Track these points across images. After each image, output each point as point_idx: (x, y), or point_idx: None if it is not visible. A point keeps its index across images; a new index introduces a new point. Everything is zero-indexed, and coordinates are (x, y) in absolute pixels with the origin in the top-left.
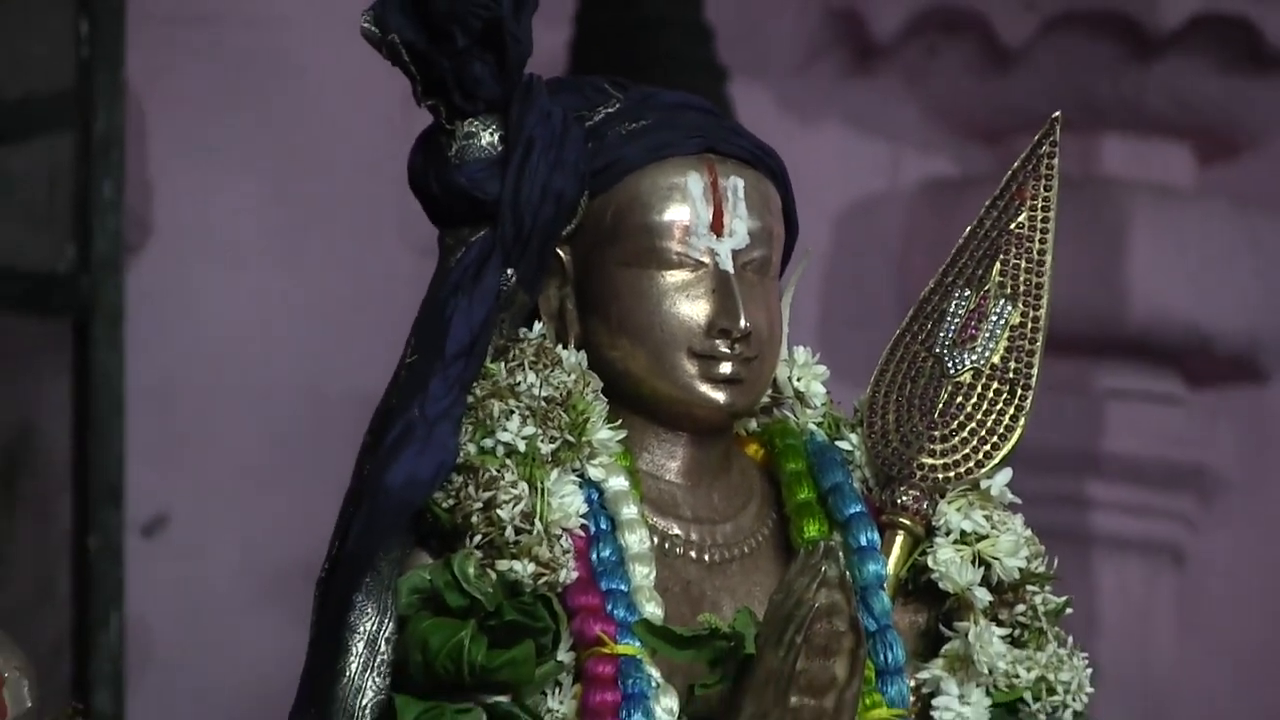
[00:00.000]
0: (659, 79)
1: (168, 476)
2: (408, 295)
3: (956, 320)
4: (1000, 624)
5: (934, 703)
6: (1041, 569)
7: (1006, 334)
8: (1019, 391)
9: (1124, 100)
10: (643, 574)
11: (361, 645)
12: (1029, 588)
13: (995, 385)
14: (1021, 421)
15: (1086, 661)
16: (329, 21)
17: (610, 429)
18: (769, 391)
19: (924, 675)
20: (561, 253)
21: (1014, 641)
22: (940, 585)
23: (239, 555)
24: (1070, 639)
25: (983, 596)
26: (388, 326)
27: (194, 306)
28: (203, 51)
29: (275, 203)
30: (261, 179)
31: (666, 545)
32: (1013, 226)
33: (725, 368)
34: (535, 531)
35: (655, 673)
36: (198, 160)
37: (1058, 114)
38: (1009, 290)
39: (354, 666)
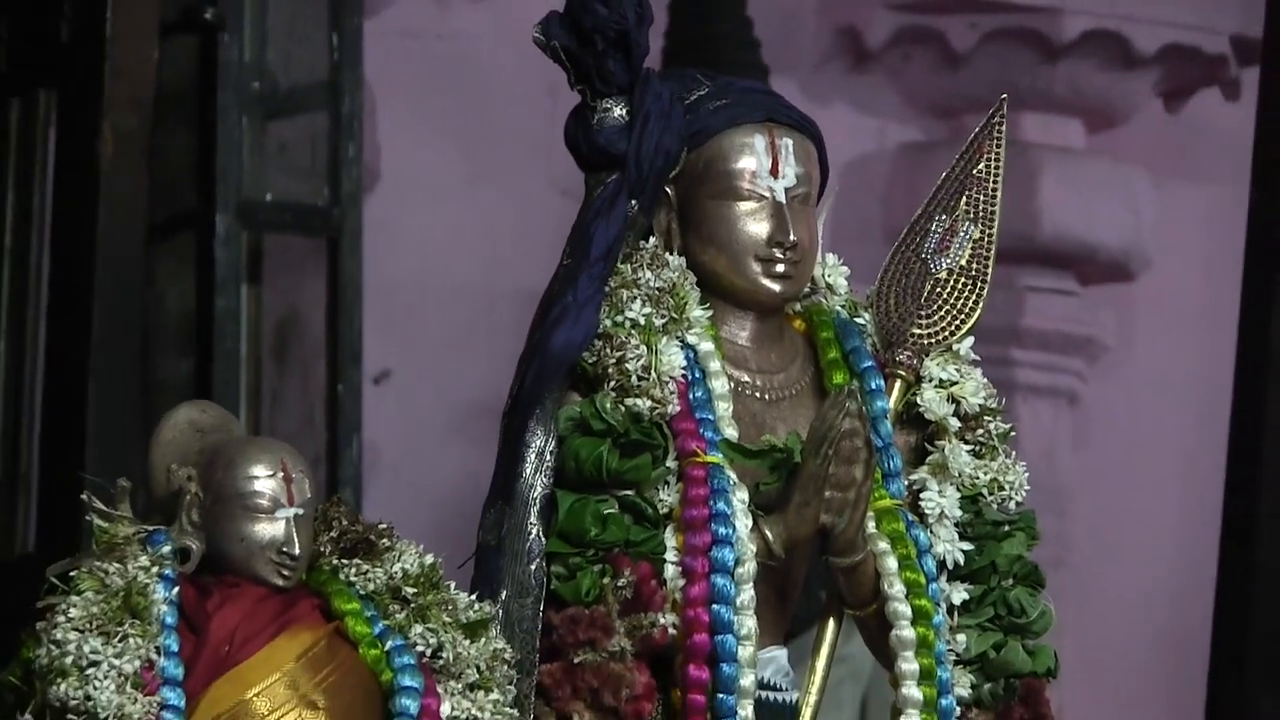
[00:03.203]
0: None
1: (391, 345)
2: (553, 222)
3: (936, 236)
4: (966, 442)
5: (921, 496)
6: (994, 405)
7: (970, 245)
8: (979, 285)
9: (1037, 89)
10: (724, 408)
11: (533, 455)
12: (986, 417)
13: (963, 280)
14: (980, 306)
15: (1023, 469)
16: (499, 35)
17: (701, 309)
18: (808, 284)
19: (914, 477)
20: (669, 190)
21: (975, 454)
22: (925, 416)
23: (439, 399)
24: (1014, 453)
25: (954, 423)
26: (539, 244)
27: (408, 230)
28: (414, 55)
29: (462, 159)
30: (452, 143)
31: (739, 388)
32: (975, 172)
33: (779, 267)
34: (651, 379)
35: (732, 475)
36: (410, 129)
37: (1005, 95)
38: (972, 215)
39: (528, 470)
